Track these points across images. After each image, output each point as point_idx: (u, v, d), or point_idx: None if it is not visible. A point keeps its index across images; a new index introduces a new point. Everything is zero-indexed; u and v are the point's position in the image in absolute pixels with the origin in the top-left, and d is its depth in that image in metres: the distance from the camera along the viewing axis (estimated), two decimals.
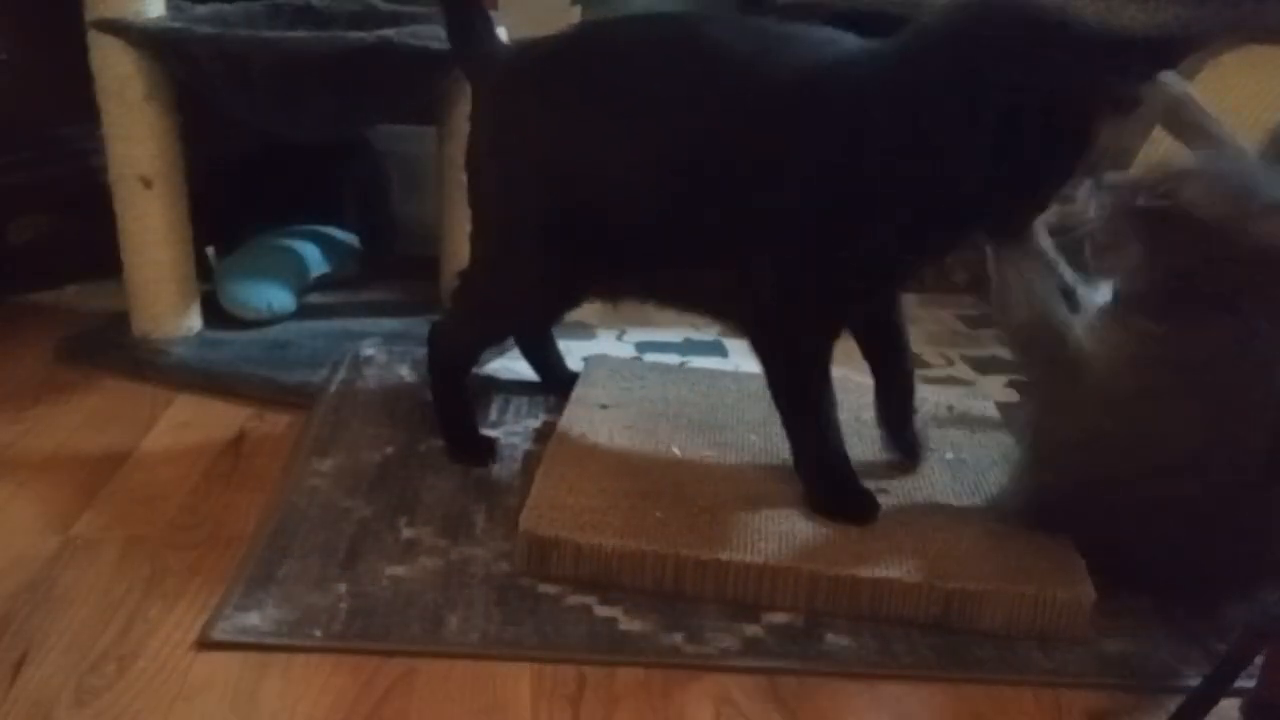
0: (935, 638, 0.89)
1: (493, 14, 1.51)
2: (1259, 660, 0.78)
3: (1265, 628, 0.77)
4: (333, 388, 1.26)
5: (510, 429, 1.21)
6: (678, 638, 0.88)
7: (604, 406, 1.18)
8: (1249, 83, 1.44)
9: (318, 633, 0.87)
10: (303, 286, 1.51)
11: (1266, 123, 1.38)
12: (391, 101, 1.41)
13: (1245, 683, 0.79)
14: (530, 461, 1.13)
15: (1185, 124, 0.98)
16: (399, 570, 0.95)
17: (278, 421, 1.23)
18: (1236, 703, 0.80)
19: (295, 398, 1.26)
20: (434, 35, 1.33)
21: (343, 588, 0.92)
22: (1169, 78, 1.00)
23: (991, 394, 1.34)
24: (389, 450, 1.15)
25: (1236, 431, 0.84)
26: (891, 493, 1.03)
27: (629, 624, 0.90)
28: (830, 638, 0.89)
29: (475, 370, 1.35)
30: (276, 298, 1.45)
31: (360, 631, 0.87)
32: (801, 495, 1.01)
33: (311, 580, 0.93)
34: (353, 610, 0.90)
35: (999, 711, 0.82)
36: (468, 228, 1.48)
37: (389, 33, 1.30)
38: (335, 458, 1.13)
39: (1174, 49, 1.51)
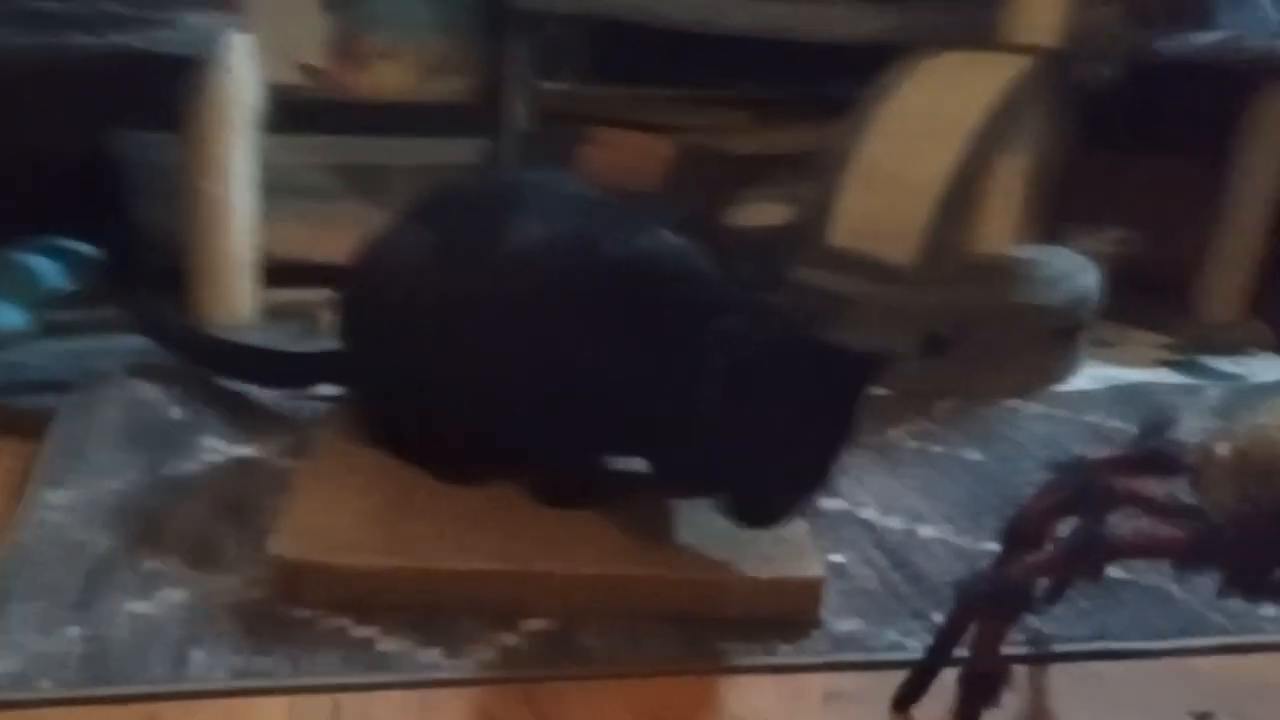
0: (684, 630, 0.88)
1: (237, 18, 1.42)
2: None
3: (975, 601, 0.78)
4: (69, 412, 1.14)
5: (265, 446, 1.14)
6: (435, 654, 0.84)
7: None
8: (951, 85, 1.49)
9: (46, 683, 0.77)
10: (37, 303, 1.37)
11: (966, 122, 1.43)
12: (127, 108, 1.30)
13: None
14: (285, 480, 1.06)
15: None
16: (140, 607, 0.86)
17: (7, 451, 1.10)
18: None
19: (28, 424, 1.13)
20: (168, 40, 1.24)
21: (76, 631, 0.83)
22: None
23: None
24: (131, 476, 1.05)
25: None
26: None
27: (386, 644, 0.85)
28: (585, 640, 0.86)
29: (230, 385, 1.26)
30: (6, 316, 1.31)
31: (95, 678, 0.79)
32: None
33: (39, 625, 0.83)
34: (87, 655, 0.81)
35: (743, 700, 0.82)
36: (216, 237, 1.39)
37: (120, 37, 1.20)
38: (71, 488, 1.02)
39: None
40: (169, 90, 1.30)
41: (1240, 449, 0.75)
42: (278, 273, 1.55)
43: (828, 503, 1.09)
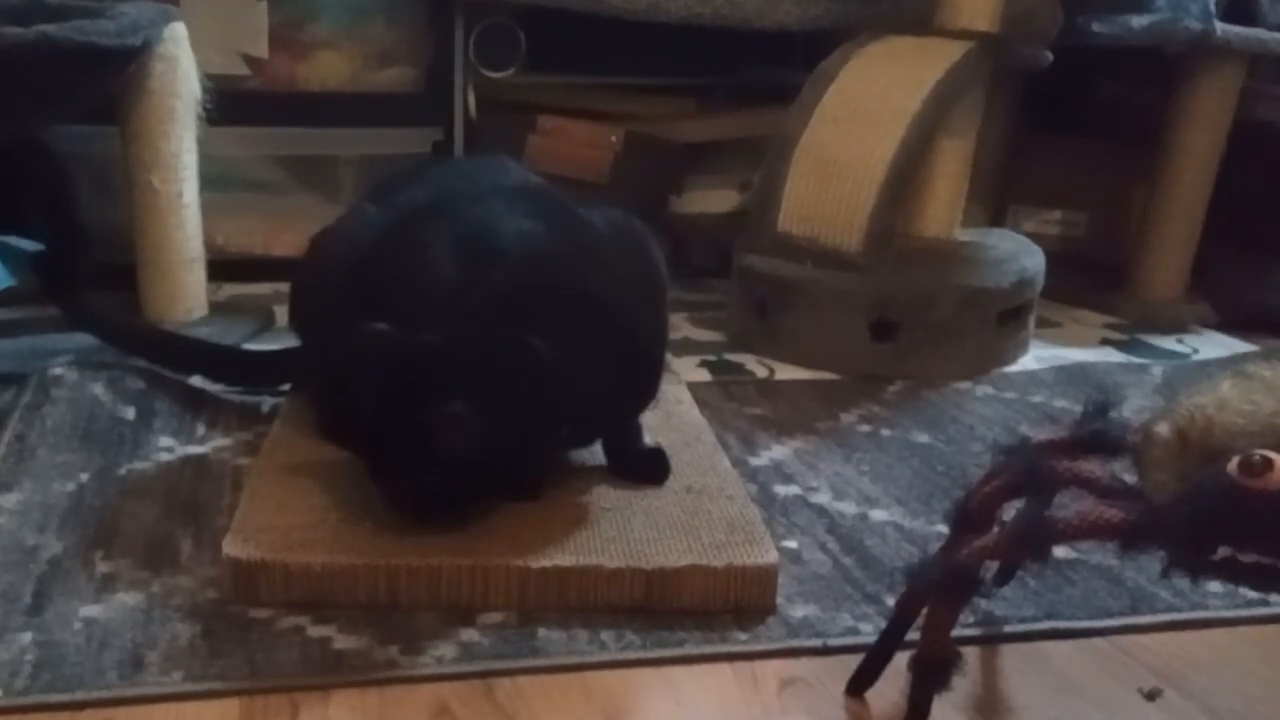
0: (640, 621, 0.87)
1: (173, 9, 1.38)
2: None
3: (925, 585, 0.79)
4: (17, 413, 1.12)
5: (219, 443, 1.12)
6: (393, 651, 0.83)
7: None
8: (892, 71, 1.50)
9: None
10: None
11: (907, 107, 1.44)
12: (60, 101, 1.26)
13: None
14: (241, 477, 1.04)
15: None
16: (93, 611, 0.85)
17: None
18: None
19: None
20: (101, 30, 1.20)
21: (28, 637, 0.81)
22: None
23: (681, 375, 1.35)
24: (83, 478, 1.03)
25: None
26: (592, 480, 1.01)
27: (343, 642, 0.83)
28: (543, 633, 0.86)
29: (184, 381, 1.24)
30: None
31: (48, 685, 0.77)
32: None
33: None
34: (39, 661, 0.79)
35: (701, 689, 0.81)
36: (162, 231, 1.36)
37: (49, 28, 1.16)
38: (21, 491, 1.00)
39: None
40: (105, 82, 1.27)
41: (1179, 429, 0.75)
42: (228, 267, 1.53)
43: (781, 488, 1.09)
